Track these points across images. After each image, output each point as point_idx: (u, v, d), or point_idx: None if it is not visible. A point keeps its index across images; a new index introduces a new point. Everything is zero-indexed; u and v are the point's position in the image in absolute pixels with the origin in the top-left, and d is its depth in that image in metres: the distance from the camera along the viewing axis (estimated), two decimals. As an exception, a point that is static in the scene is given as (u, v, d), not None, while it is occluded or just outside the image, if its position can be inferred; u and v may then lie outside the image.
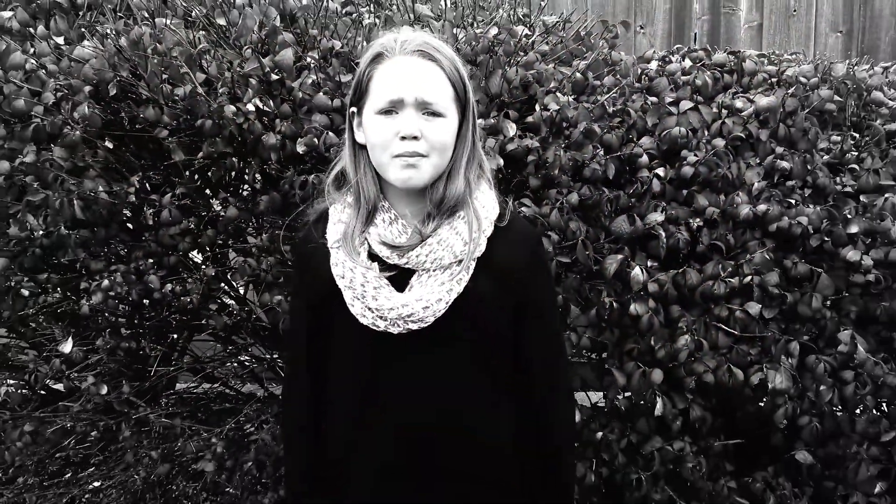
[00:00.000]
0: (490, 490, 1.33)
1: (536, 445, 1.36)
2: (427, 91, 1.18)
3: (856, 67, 2.19)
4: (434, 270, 1.23)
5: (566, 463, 1.42)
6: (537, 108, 1.85)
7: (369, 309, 1.21)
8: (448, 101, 1.21)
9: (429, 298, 1.20)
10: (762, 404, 1.96)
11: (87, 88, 1.79)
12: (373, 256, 1.25)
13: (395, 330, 1.21)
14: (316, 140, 1.72)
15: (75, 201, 1.74)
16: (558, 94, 1.87)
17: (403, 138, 1.18)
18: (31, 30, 2.00)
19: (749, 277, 1.81)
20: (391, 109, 1.19)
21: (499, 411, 1.33)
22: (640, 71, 2.19)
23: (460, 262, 1.23)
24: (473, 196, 1.26)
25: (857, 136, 2.01)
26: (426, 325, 1.21)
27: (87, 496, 2.37)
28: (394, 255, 1.23)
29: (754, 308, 1.80)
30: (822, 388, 1.87)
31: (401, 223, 1.24)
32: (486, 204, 1.28)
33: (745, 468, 2.15)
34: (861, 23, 4.51)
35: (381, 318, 1.21)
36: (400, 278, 1.23)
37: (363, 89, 1.24)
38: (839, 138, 1.94)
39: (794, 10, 4.54)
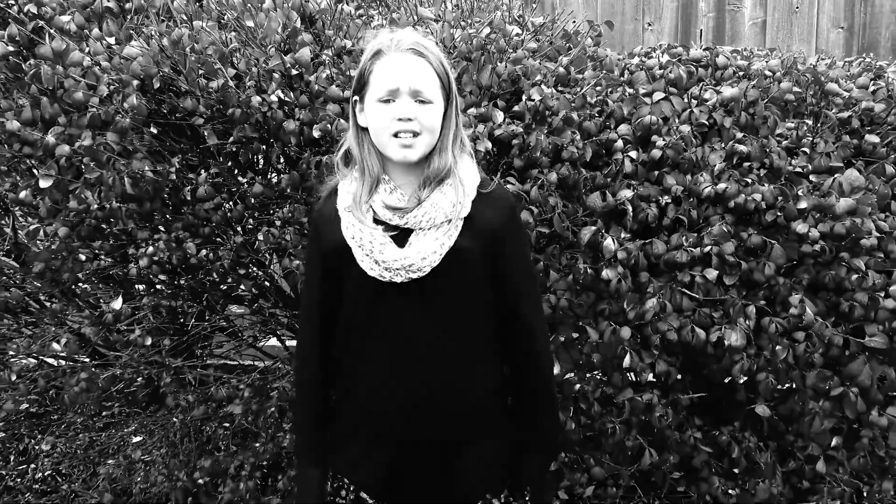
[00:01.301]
0: (477, 412, 1.60)
1: (523, 374, 1.63)
2: (418, 82, 1.45)
3: (821, 62, 2.42)
4: (429, 229, 1.49)
5: (551, 391, 1.65)
6: (523, 98, 2.11)
7: (377, 262, 1.48)
8: (436, 90, 1.47)
9: (425, 251, 1.47)
10: (724, 362, 2.20)
11: (135, 82, 2.08)
12: (376, 221, 1.52)
13: (398, 279, 1.47)
14: (329, 126, 2.00)
15: (125, 179, 2.03)
16: (542, 86, 2.12)
17: (400, 120, 1.44)
18: (87, 31, 2.30)
19: (709, 247, 2.05)
20: (389, 98, 1.45)
21: (486, 344, 1.59)
22: (623, 65, 2.44)
23: (450, 221, 1.49)
24: (458, 167, 1.53)
25: (813, 123, 2.23)
26: (423, 274, 1.47)
27: (130, 448, 2.69)
28: (395, 216, 1.49)
29: (712, 274, 2.04)
30: (777, 347, 2.10)
31: (399, 192, 1.51)
32: (468, 173, 1.55)
33: (712, 424, 2.39)
34: (862, 19, 4.65)
35: (386, 269, 1.47)
36: (400, 237, 1.50)
37: (364, 81, 1.50)
38: (794, 125, 2.16)
39: (797, 7, 4.70)
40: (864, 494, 2.52)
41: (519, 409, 1.65)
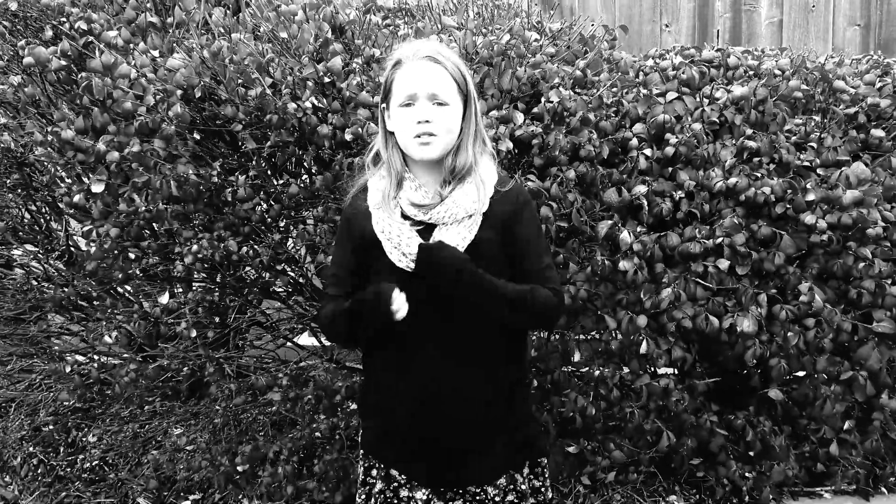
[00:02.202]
0: (484, 422, 1.68)
1: None
2: (434, 86, 1.57)
3: (830, 60, 2.52)
4: (451, 224, 1.62)
5: (553, 302, 1.67)
6: (542, 100, 2.23)
7: (404, 255, 1.60)
8: (452, 93, 1.60)
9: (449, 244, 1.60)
10: (737, 349, 2.30)
11: (179, 92, 2.23)
12: (404, 217, 1.65)
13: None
14: (360, 129, 2.13)
15: (171, 182, 2.18)
16: (560, 88, 2.24)
17: (419, 122, 1.57)
18: (132, 45, 2.46)
19: (721, 239, 2.16)
20: (409, 103, 1.58)
21: (505, 337, 1.69)
22: (638, 67, 2.55)
23: (471, 216, 1.62)
24: (478, 166, 1.66)
25: (821, 119, 2.33)
26: None
27: (175, 436, 2.85)
28: (420, 212, 1.62)
29: (724, 264, 2.15)
30: (788, 333, 2.20)
31: (423, 189, 1.64)
32: (487, 172, 1.67)
33: (728, 409, 2.49)
34: (878, 16, 4.70)
35: (412, 261, 1.61)
36: (425, 232, 1.63)
37: (388, 89, 1.64)
38: (802, 121, 2.26)
39: (813, 6, 4.76)
40: (878, 476, 2.60)
41: None
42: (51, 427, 3.22)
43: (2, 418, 3.31)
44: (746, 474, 2.55)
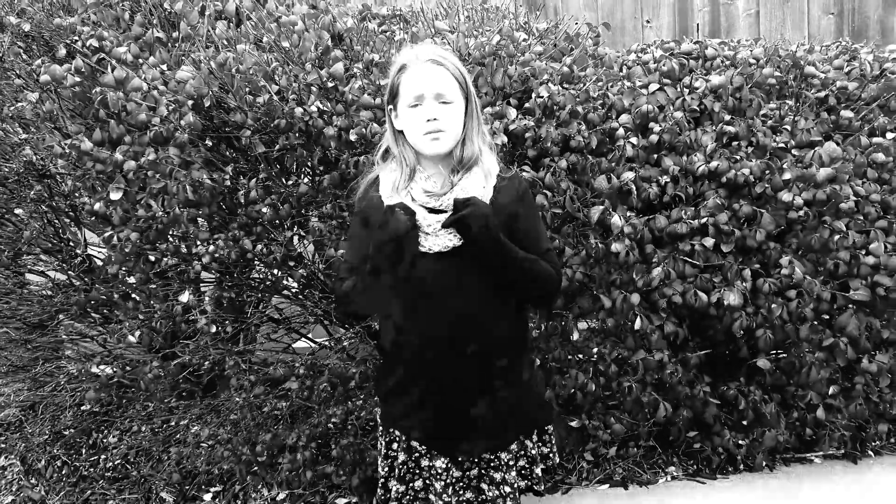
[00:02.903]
0: (499, 350, 1.84)
1: None
2: (439, 87, 1.72)
3: (801, 47, 2.67)
4: None
5: (554, 277, 1.85)
6: (533, 95, 2.38)
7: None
8: (455, 92, 1.74)
9: None
10: (725, 321, 2.45)
11: (190, 102, 2.36)
12: None
13: (435, 248, 1.74)
14: (364, 130, 2.27)
15: (187, 187, 2.32)
16: (549, 84, 2.39)
17: (428, 121, 1.72)
18: (141, 60, 2.59)
19: (705, 219, 2.31)
20: (416, 103, 1.73)
21: (510, 305, 1.84)
22: (621, 62, 2.71)
23: None
24: (483, 155, 1.80)
25: (794, 103, 2.48)
26: (456, 245, 1.74)
27: (197, 427, 2.97)
28: (431, 199, 1.76)
29: (709, 242, 2.30)
30: (772, 305, 2.35)
31: (433, 180, 1.78)
32: (490, 163, 1.82)
33: (721, 380, 2.64)
34: (851, 5, 4.87)
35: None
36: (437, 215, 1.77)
37: (395, 91, 1.78)
38: (775, 105, 2.42)
39: (788, -4, 4.92)
40: (864, 439, 2.75)
41: None
42: (72, 430, 3.34)
43: (24, 425, 3.42)
44: (740, 442, 2.70)
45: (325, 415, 2.49)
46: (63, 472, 3.18)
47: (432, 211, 1.76)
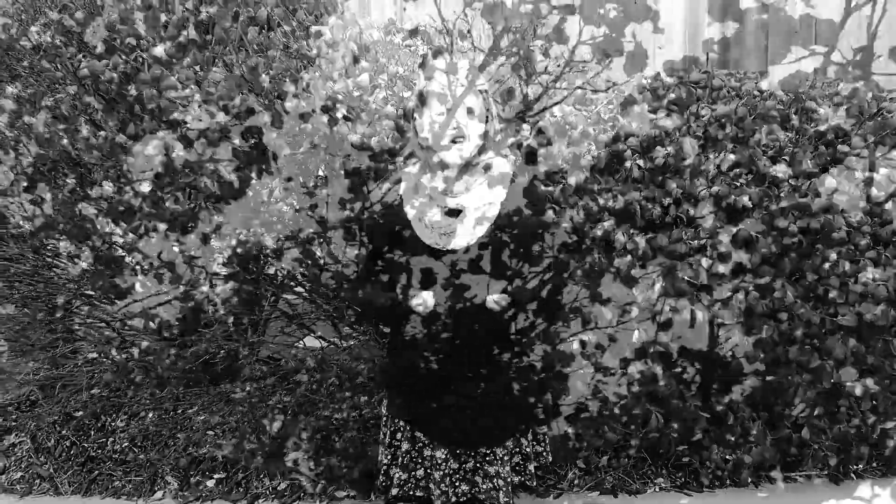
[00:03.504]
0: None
1: None
2: (462, 101, 1.85)
3: (804, 82, 2.80)
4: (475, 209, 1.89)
5: None
6: (547, 115, 2.51)
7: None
8: (477, 105, 1.88)
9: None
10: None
11: (221, 102, 2.50)
12: None
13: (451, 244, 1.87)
14: (386, 138, 2.40)
15: (214, 183, 2.44)
16: (563, 105, 2.52)
17: (452, 130, 1.85)
18: (175, 60, 2.71)
19: (704, 240, 2.43)
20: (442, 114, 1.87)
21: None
22: (632, 87, 2.83)
23: (491, 203, 1.89)
24: (496, 164, 1.94)
25: (794, 135, 2.60)
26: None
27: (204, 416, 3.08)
28: (450, 200, 1.89)
29: (706, 262, 2.42)
30: (764, 326, 2.47)
31: (451, 182, 1.91)
32: (503, 169, 1.95)
33: (712, 396, 2.74)
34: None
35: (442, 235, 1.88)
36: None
37: (423, 102, 1.91)
38: (776, 136, 2.54)
39: (796, 31, 5.06)
40: (847, 459, 2.86)
41: None
42: (81, 412, 3.44)
43: (37, 405, 3.53)
44: (727, 457, 2.80)
45: (331, 407, 2.60)
46: (71, 451, 3.28)
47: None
